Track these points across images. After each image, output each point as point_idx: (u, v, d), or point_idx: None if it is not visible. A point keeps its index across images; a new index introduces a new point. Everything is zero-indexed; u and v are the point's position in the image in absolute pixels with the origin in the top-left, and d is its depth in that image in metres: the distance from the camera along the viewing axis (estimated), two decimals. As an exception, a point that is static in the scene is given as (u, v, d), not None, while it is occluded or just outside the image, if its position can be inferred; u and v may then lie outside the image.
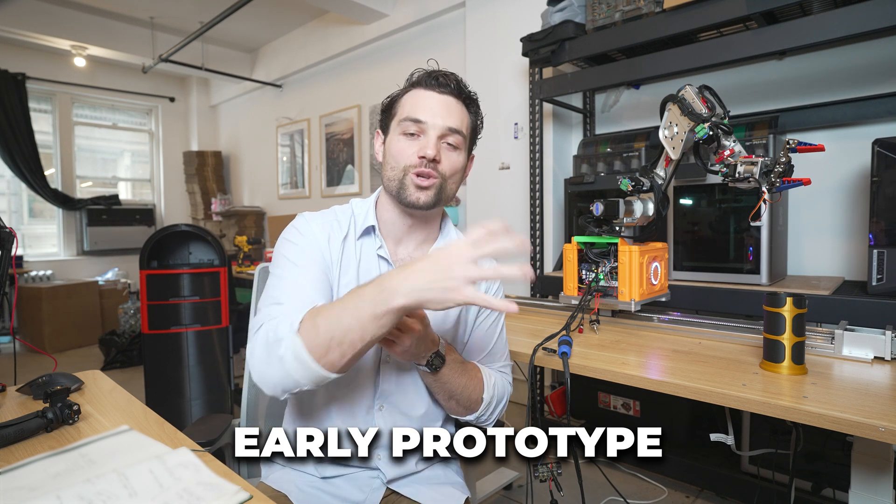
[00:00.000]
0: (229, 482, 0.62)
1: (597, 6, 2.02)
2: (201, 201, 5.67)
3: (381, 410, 0.94)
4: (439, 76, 0.92)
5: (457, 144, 0.92)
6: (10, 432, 0.75)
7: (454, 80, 0.93)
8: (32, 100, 4.97)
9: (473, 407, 0.95)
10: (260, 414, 1.16)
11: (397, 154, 0.91)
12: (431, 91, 0.92)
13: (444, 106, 0.91)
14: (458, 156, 0.94)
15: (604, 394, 2.20)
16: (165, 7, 4.39)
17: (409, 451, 0.94)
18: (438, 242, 1.00)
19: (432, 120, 0.90)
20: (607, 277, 1.34)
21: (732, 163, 1.15)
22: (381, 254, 0.94)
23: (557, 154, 2.71)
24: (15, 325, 4.45)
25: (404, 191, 0.90)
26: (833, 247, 1.98)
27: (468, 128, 0.95)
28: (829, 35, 1.50)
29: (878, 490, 0.99)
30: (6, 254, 1.02)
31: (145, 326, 2.50)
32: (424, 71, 0.94)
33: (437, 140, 0.90)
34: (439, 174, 0.90)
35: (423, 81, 0.92)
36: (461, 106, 0.94)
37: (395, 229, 0.97)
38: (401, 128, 0.91)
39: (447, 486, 0.98)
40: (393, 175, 0.91)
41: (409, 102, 0.92)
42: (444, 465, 1.03)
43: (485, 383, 0.95)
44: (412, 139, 0.90)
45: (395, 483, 0.96)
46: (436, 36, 3.53)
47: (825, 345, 1.12)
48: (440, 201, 0.93)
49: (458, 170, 0.94)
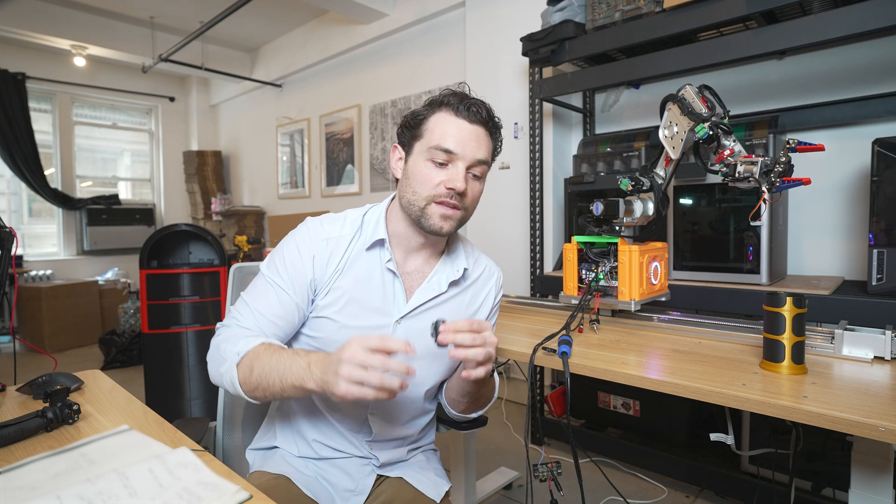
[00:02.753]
0: (229, 482, 0.62)
1: (597, 6, 2.02)
2: (201, 201, 5.68)
3: (374, 414, 0.98)
4: (472, 105, 0.90)
5: (482, 174, 0.94)
6: (10, 432, 0.75)
7: (486, 110, 0.92)
8: (32, 99, 4.97)
9: (484, 405, 1.03)
10: (237, 416, 1.16)
11: (423, 181, 0.90)
12: (462, 120, 0.90)
13: (474, 137, 0.90)
14: (481, 184, 0.95)
15: (604, 393, 2.20)
16: (165, 7, 4.39)
17: (399, 442, 1.04)
18: (446, 258, 1.02)
19: (463, 152, 0.89)
20: (607, 277, 1.34)
21: (732, 162, 1.15)
22: (389, 267, 0.95)
23: (557, 154, 2.71)
24: (15, 325, 4.45)
25: (427, 219, 0.91)
26: (833, 246, 1.98)
27: (491, 155, 0.96)
28: (829, 35, 1.50)
29: (878, 490, 0.99)
30: (6, 253, 1.02)
31: (145, 326, 2.50)
32: (453, 93, 0.92)
33: (465, 172, 0.90)
34: (463, 205, 0.91)
35: (455, 107, 0.90)
36: (489, 135, 0.93)
37: (407, 242, 0.97)
38: (430, 154, 0.90)
39: (431, 473, 1.04)
40: (415, 200, 0.91)
41: (438, 128, 0.90)
42: (427, 455, 1.10)
43: (496, 385, 1.04)
44: (440, 167, 0.90)
45: (385, 468, 1.02)
46: (436, 36, 3.53)
47: (825, 344, 1.12)
48: (459, 227, 0.96)
49: (479, 197, 0.96)
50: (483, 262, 1.08)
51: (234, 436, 1.15)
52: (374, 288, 0.94)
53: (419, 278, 0.99)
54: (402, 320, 0.95)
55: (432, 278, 0.98)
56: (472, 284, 1.04)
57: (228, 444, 1.14)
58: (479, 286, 1.05)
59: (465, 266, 1.00)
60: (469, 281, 1.03)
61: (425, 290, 0.97)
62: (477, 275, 1.05)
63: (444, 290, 0.98)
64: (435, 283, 0.98)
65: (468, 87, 0.97)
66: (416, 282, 0.98)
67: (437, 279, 0.98)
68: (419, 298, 0.96)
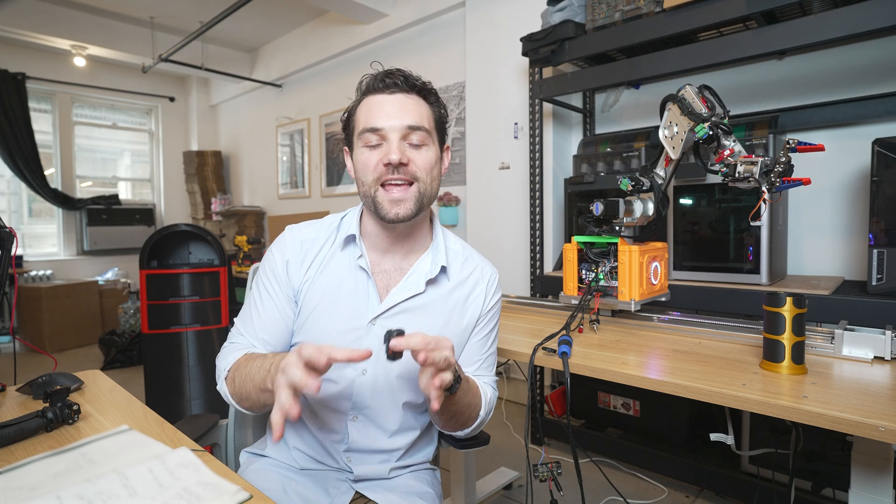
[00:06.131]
0: (229, 482, 0.62)
1: (597, 6, 2.02)
2: (201, 201, 5.68)
3: (354, 421, 0.93)
4: (385, 76, 0.88)
5: (421, 141, 0.88)
6: (10, 432, 0.75)
7: (401, 77, 0.88)
8: (32, 99, 4.97)
9: (469, 424, 0.93)
10: (248, 414, 1.15)
11: (364, 168, 0.87)
12: (381, 94, 0.88)
13: (397, 106, 0.87)
14: (428, 152, 0.89)
15: (604, 394, 2.20)
16: (165, 7, 4.39)
17: (381, 456, 0.95)
18: (428, 254, 0.96)
19: (388, 123, 0.85)
20: (607, 277, 1.34)
21: (732, 162, 1.15)
22: (360, 264, 0.92)
23: (557, 154, 2.71)
24: (15, 325, 4.45)
25: (379, 208, 0.87)
26: (833, 247, 1.98)
27: (431, 120, 0.90)
28: (829, 35, 1.50)
29: (878, 490, 0.99)
30: (6, 254, 1.02)
31: (145, 326, 2.50)
32: (370, 76, 0.90)
33: (399, 143, 0.86)
34: (411, 177, 0.87)
35: (372, 86, 0.89)
36: (417, 100, 0.89)
37: (380, 241, 0.94)
38: (362, 140, 0.87)
39: (415, 497, 0.95)
40: (365, 191, 0.88)
41: (363, 112, 0.88)
42: (417, 476, 1.01)
43: (482, 401, 0.94)
44: (375, 149, 0.87)
45: (363, 485, 0.96)
46: (436, 36, 3.53)
47: (825, 345, 1.12)
48: (421, 208, 0.89)
49: (431, 166, 0.89)
50: (474, 262, 1.00)
51: (245, 433, 1.15)
52: (346, 288, 0.91)
53: (398, 276, 0.94)
54: (375, 321, 0.90)
55: (410, 276, 0.93)
56: (459, 286, 0.96)
57: (240, 441, 1.14)
58: (467, 288, 0.97)
59: (442, 263, 0.94)
60: (455, 282, 0.96)
61: (401, 289, 0.92)
62: (465, 276, 0.98)
63: (421, 290, 0.92)
64: (412, 281, 0.93)
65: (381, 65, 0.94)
66: (393, 280, 0.94)
67: (416, 278, 0.93)
68: (393, 298, 0.91)
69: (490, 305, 0.99)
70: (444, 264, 0.95)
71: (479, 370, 0.99)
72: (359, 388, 0.91)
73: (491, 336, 1.01)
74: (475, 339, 0.99)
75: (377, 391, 0.92)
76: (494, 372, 1.04)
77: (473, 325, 0.98)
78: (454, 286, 0.96)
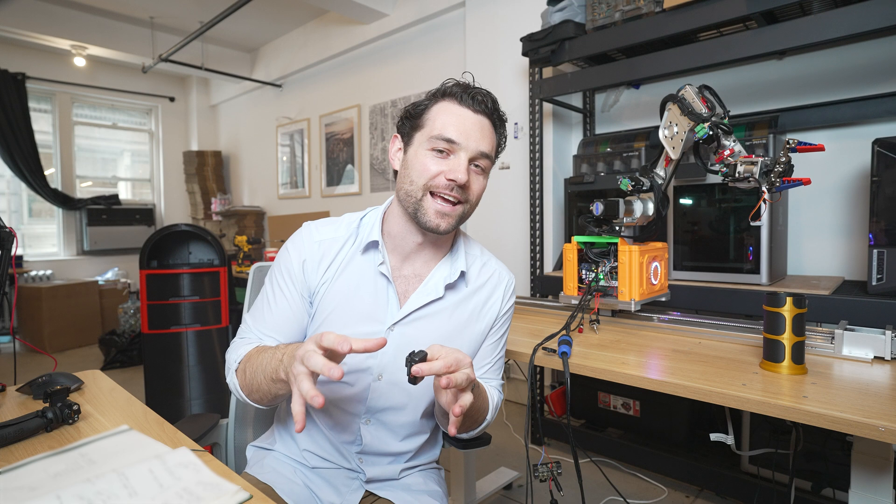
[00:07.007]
0: (229, 482, 0.62)
1: (597, 6, 2.02)
2: (201, 201, 5.67)
3: (367, 424, 0.94)
4: (476, 94, 0.87)
5: (485, 168, 0.89)
6: (10, 432, 0.75)
7: (490, 100, 0.88)
8: (32, 99, 4.97)
9: (474, 427, 0.94)
10: (248, 413, 1.16)
11: (421, 170, 0.86)
12: (466, 109, 0.86)
13: (478, 127, 0.86)
14: (484, 179, 0.90)
15: (604, 393, 2.20)
16: (165, 7, 4.39)
17: (391, 458, 0.97)
18: (446, 260, 0.96)
19: (465, 142, 0.85)
20: (607, 277, 1.34)
21: (732, 162, 1.15)
22: (381, 270, 0.91)
23: (557, 154, 2.71)
24: (15, 325, 4.45)
25: (423, 214, 0.86)
26: (833, 247, 1.98)
27: (494, 150, 0.91)
28: (829, 35, 1.50)
29: (878, 490, 0.99)
30: (6, 254, 1.02)
31: (145, 326, 2.50)
32: (457, 82, 0.89)
33: (467, 164, 0.85)
34: (464, 198, 0.87)
35: (459, 96, 0.87)
36: (493, 128, 0.89)
37: (404, 244, 0.93)
38: (430, 144, 0.86)
39: (425, 496, 0.96)
40: (412, 191, 0.87)
41: (440, 117, 0.86)
42: (425, 475, 1.02)
43: (490, 406, 0.94)
44: (440, 157, 0.85)
45: (374, 485, 0.97)
46: (436, 36, 3.53)
47: (825, 345, 1.12)
48: (458, 226, 0.91)
49: (481, 192, 0.90)
50: (492, 266, 1.01)
51: (245, 433, 1.15)
52: (365, 293, 0.91)
53: (416, 282, 0.94)
54: (395, 327, 0.90)
55: (428, 282, 0.93)
56: (477, 291, 0.97)
57: (240, 440, 1.14)
58: (485, 293, 0.98)
59: (462, 269, 0.94)
60: (473, 287, 0.96)
61: (420, 294, 0.92)
62: (483, 280, 0.98)
63: (440, 294, 0.92)
64: (431, 287, 0.93)
65: (472, 77, 0.92)
66: (412, 286, 0.94)
67: (434, 283, 0.93)
68: (413, 304, 0.91)
69: (505, 310, 1.00)
70: (464, 269, 0.95)
71: (488, 373, 1.00)
72: (374, 393, 0.91)
73: (502, 340, 1.02)
74: (488, 343, 0.99)
75: (391, 396, 0.92)
76: (502, 375, 1.04)
77: (489, 329, 0.98)
78: (472, 291, 0.97)
